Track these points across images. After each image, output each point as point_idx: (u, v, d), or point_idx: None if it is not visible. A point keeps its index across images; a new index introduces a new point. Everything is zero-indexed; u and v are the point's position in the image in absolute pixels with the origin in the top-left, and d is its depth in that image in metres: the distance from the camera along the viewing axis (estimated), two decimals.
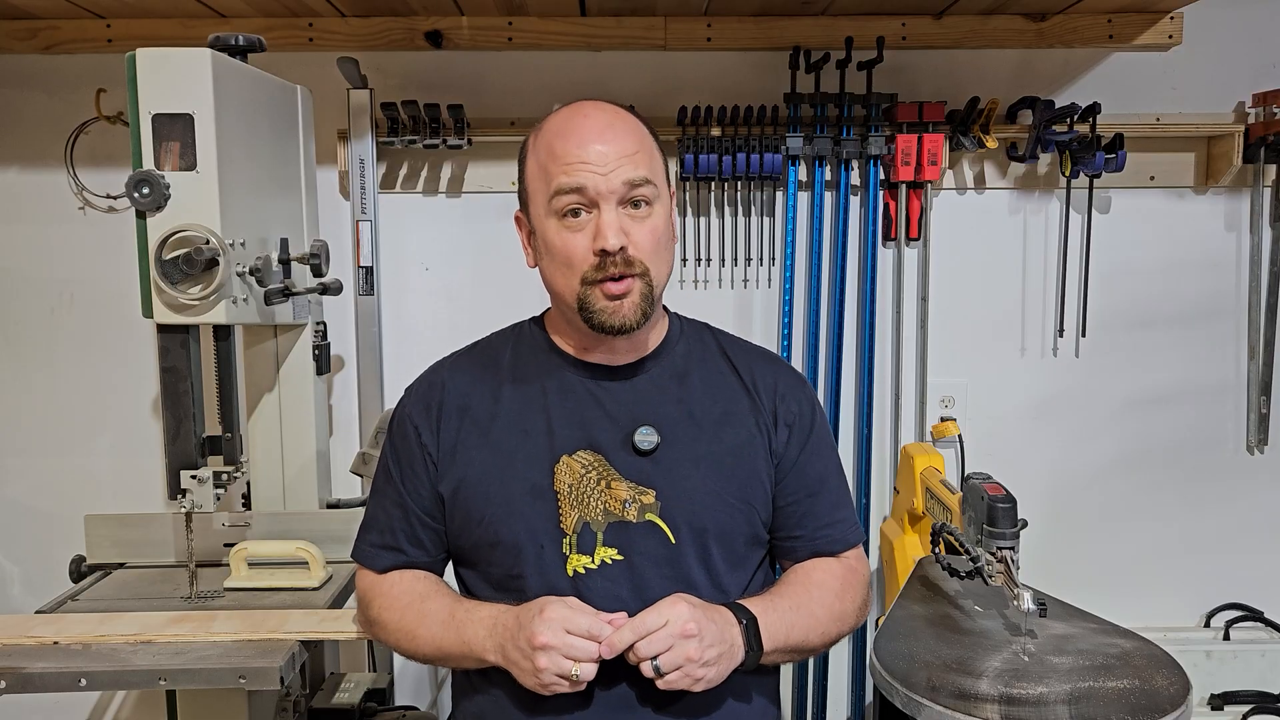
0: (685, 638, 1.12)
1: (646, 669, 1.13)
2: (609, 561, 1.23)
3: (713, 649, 1.14)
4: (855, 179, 2.13)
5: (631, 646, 1.13)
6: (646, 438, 1.25)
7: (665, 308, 1.37)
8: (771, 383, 1.34)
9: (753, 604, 1.22)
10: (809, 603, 1.27)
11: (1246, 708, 2.14)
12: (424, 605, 1.27)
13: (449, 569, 1.37)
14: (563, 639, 1.12)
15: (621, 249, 1.19)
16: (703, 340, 1.37)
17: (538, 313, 1.40)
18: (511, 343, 1.36)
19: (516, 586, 1.24)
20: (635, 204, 1.21)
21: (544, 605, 1.14)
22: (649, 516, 1.23)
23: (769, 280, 2.17)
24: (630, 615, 1.16)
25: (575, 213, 1.20)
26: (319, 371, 1.91)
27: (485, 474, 1.26)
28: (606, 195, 1.19)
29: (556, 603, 1.15)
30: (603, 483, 1.24)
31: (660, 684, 1.13)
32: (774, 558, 1.38)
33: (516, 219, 1.33)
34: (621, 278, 1.20)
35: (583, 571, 1.22)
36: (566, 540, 1.23)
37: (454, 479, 1.28)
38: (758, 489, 1.29)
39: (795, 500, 1.32)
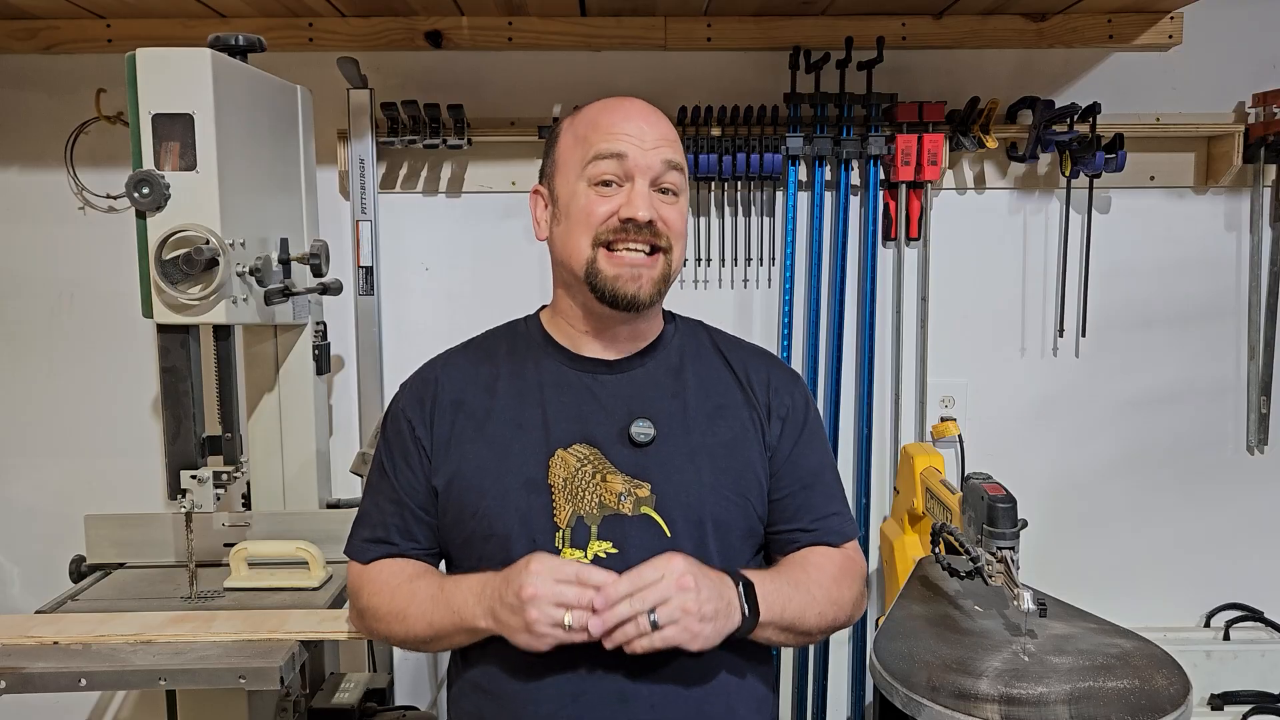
0: (682, 590, 1.10)
1: (642, 623, 1.10)
2: (603, 555, 1.23)
3: (710, 604, 1.12)
4: (855, 179, 2.13)
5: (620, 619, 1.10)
6: (643, 430, 1.25)
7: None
8: (765, 377, 1.35)
9: (749, 573, 1.22)
10: (806, 582, 1.26)
11: (1246, 708, 2.14)
12: (412, 585, 1.27)
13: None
14: (551, 587, 1.11)
15: (650, 222, 1.22)
16: (697, 336, 1.38)
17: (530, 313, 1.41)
18: (508, 338, 1.37)
19: None
20: (664, 191, 1.25)
21: (530, 559, 1.14)
22: (644, 510, 1.23)
23: (769, 280, 2.17)
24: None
25: (608, 183, 1.23)
26: (319, 371, 1.92)
27: (479, 467, 1.26)
28: (644, 170, 1.23)
29: (543, 555, 1.15)
30: (598, 476, 1.24)
31: (656, 639, 1.10)
32: (769, 553, 1.37)
33: (534, 191, 1.34)
34: (637, 250, 1.23)
35: None
36: (559, 534, 1.23)
37: (448, 472, 1.28)
38: (752, 482, 1.29)
39: (790, 493, 1.32)
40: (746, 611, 1.17)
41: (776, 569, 1.29)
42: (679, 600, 1.10)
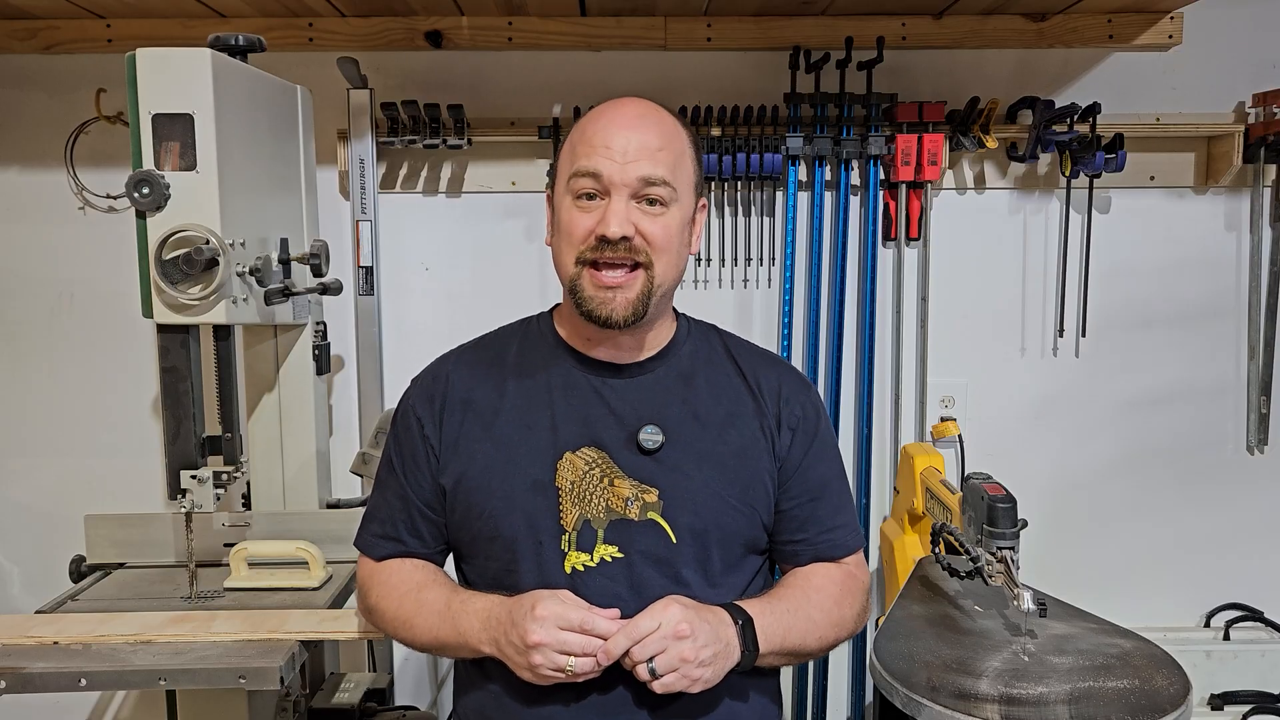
0: (679, 639, 1.12)
1: (642, 672, 1.13)
2: (608, 559, 1.23)
3: (707, 649, 1.14)
4: (855, 179, 2.13)
5: (626, 652, 1.13)
6: (652, 437, 1.25)
7: (674, 309, 1.38)
8: (776, 385, 1.34)
9: (749, 605, 1.22)
10: (807, 606, 1.27)
11: (1246, 708, 2.14)
12: (420, 595, 1.28)
13: (449, 563, 1.38)
14: (555, 636, 1.12)
15: (625, 238, 1.20)
16: (709, 342, 1.38)
17: (543, 310, 1.40)
18: (519, 337, 1.37)
19: (512, 582, 1.24)
20: (650, 201, 1.22)
21: (536, 602, 1.15)
22: (651, 515, 1.23)
23: (769, 280, 2.17)
24: (627, 613, 1.17)
25: (590, 196, 1.22)
26: (319, 371, 1.92)
27: (487, 468, 1.27)
28: (619, 186, 1.20)
29: (548, 598, 1.15)
30: (606, 480, 1.24)
31: (657, 686, 1.13)
32: (774, 562, 1.38)
33: (547, 196, 1.34)
34: (618, 266, 1.21)
35: (581, 569, 1.22)
36: (566, 537, 1.23)
37: (456, 472, 1.28)
38: (760, 492, 1.29)
39: (798, 504, 1.32)
40: (746, 648, 1.19)
41: (777, 594, 1.29)
42: (676, 650, 1.12)
